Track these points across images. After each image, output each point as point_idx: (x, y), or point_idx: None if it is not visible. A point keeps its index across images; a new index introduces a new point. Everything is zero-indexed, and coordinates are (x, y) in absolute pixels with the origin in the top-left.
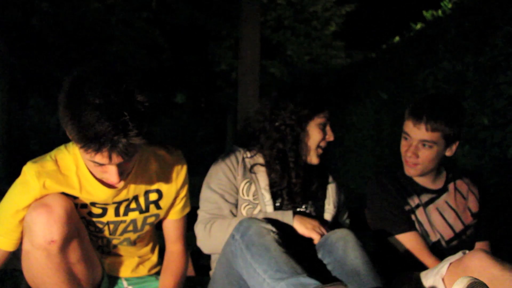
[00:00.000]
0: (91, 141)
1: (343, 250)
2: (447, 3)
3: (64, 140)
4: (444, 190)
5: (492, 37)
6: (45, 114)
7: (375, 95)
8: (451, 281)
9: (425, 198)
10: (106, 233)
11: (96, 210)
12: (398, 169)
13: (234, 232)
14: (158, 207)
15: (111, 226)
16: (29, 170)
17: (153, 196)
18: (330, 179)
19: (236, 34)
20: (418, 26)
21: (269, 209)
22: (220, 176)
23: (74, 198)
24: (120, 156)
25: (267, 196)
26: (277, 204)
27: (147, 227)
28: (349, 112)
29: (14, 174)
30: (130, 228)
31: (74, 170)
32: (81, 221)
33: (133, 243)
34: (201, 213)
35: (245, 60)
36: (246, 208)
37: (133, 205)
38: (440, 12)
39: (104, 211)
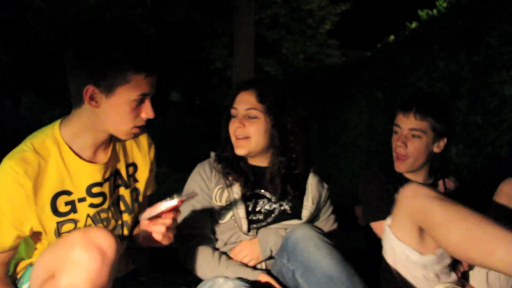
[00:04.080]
0: (150, 62)
1: (307, 251)
2: (442, 3)
3: None
4: (434, 185)
5: (486, 36)
6: (38, 112)
7: (370, 94)
8: (395, 224)
9: None
10: (112, 223)
11: (96, 200)
12: (391, 165)
13: None
14: (135, 180)
15: (112, 210)
16: (13, 168)
17: (131, 170)
18: (311, 175)
19: (231, 32)
20: (413, 25)
21: (241, 212)
22: (193, 186)
23: (70, 194)
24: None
25: (239, 200)
26: (249, 209)
27: (136, 206)
28: (344, 111)
29: None
30: (123, 207)
31: (56, 152)
32: None
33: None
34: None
35: (240, 58)
36: (219, 214)
37: (118, 181)
38: (435, 11)
39: (104, 197)
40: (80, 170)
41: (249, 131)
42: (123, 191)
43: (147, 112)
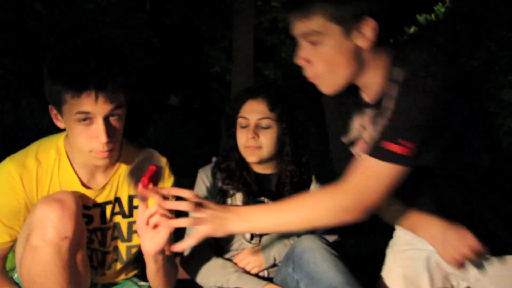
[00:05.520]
0: (76, 79)
1: (314, 262)
2: (440, 7)
3: None
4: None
5: (484, 40)
6: (38, 115)
7: None
8: None
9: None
10: (96, 244)
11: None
12: None
13: None
14: None
15: (99, 234)
16: (10, 171)
17: (137, 202)
18: (313, 182)
19: (230, 36)
20: (412, 29)
21: None
22: (196, 191)
23: None
24: (107, 100)
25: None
26: None
27: (135, 237)
28: None
29: None
30: (116, 234)
31: (56, 164)
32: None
33: (126, 260)
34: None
35: (239, 62)
36: None
37: (116, 209)
38: (433, 16)
39: (90, 219)
40: (72, 189)
41: (262, 141)
42: (120, 219)
43: (96, 134)
